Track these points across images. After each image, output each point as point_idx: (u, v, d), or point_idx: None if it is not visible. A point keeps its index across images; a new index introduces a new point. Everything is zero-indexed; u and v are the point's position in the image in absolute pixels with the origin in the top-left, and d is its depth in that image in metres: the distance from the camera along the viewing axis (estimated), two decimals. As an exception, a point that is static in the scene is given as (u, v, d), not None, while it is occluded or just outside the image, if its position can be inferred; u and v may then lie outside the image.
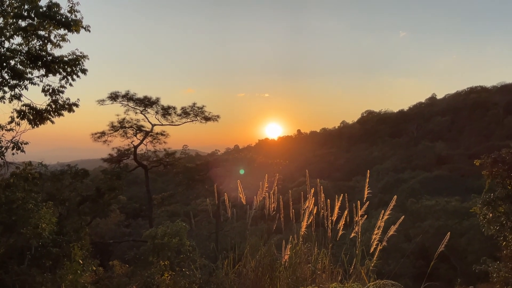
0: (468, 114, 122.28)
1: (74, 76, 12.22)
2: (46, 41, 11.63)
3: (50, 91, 12.25)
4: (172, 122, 33.51)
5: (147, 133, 33.07)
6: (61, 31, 11.68)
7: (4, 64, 11.35)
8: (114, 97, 31.34)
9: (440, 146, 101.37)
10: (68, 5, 11.43)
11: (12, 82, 11.77)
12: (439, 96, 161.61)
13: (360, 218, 6.30)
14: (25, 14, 11.03)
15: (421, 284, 5.81)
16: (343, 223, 6.45)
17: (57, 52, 11.99)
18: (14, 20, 11.14)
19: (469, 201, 35.88)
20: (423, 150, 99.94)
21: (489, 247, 27.89)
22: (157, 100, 32.40)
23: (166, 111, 32.83)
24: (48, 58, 11.76)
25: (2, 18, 11.08)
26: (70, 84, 12.29)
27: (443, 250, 5.78)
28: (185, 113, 33.18)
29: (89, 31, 11.92)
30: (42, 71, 11.97)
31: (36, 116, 12.39)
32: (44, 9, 11.04)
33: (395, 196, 6.25)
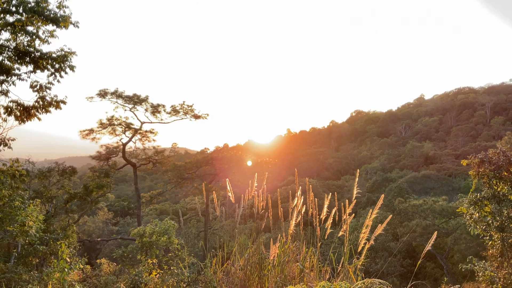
0: (456, 114, 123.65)
1: (62, 73, 12.11)
2: (34, 37, 11.50)
3: (38, 87, 12.12)
4: (161, 120, 33.40)
5: (136, 131, 32.91)
6: (50, 27, 11.56)
7: (-9, 59, 11.23)
8: (103, 94, 31.13)
9: (428, 146, 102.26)
10: (57, 1, 11.32)
11: (0, 78, 11.64)
12: (427, 96, 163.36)
13: (348, 217, 6.34)
14: (13, 9, 10.90)
15: (408, 282, 5.86)
16: (331, 221, 6.49)
17: (45, 48, 11.88)
18: (2, 15, 11.01)
19: (455, 201, 36.26)
20: (411, 150, 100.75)
21: (475, 246, 28.21)
22: (147, 97, 32.28)
23: (155, 109, 32.70)
24: (36, 54, 11.64)
25: (-11, 13, 10.95)
26: (58, 81, 12.18)
27: (430, 249, 5.84)
28: (174, 111, 33.08)
29: (78, 27, 11.81)
30: (30, 67, 11.85)
31: (23, 112, 12.27)
32: (33, 4, 10.92)
33: (383, 195, 6.30)
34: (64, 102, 12.68)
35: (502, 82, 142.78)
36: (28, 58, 11.59)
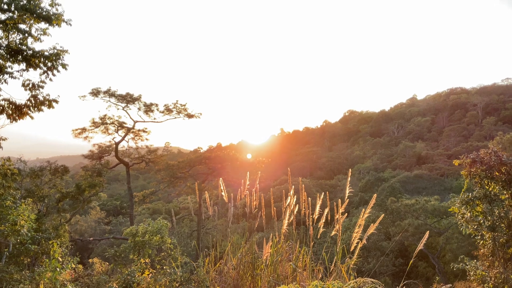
0: (448, 114, 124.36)
1: (55, 71, 12.04)
2: (26, 35, 11.43)
3: (30, 86, 12.05)
4: (154, 119, 33.33)
5: (129, 130, 32.80)
6: (42, 25, 11.50)
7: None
8: (95, 93, 31.00)
9: (420, 146, 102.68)
10: (49, -1, 11.25)
11: (-9, 76, 11.55)
12: (420, 96, 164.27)
13: (340, 216, 6.36)
14: (5, 7, 10.83)
15: (400, 282, 5.89)
16: (323, 221, 6.51)
17: (37, 46, 11.81)
18: (-6, 13, 10.92)
19: (447, 201, 36.46)
20: (403, 150, 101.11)
21: (466, 246, 28.38)
22: (140, 96, 32.18)
23: (148, 108, 32.60)
24: (29, 52, 11.56)
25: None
26: (51, 79, 12.11)
27: (422, 248, 5.87)
28: (167, 110, 33.01)
29: (71, 25, 11.75)
30: (22, 65, 11.77)
31: (15, 111, 12.18)
32: (24, 2, 10.85)
33: (375, 194, 6.33)
34: (56, 101, 12.60)
35: (493, 83, 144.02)
36: (20, 56, 11.51)
